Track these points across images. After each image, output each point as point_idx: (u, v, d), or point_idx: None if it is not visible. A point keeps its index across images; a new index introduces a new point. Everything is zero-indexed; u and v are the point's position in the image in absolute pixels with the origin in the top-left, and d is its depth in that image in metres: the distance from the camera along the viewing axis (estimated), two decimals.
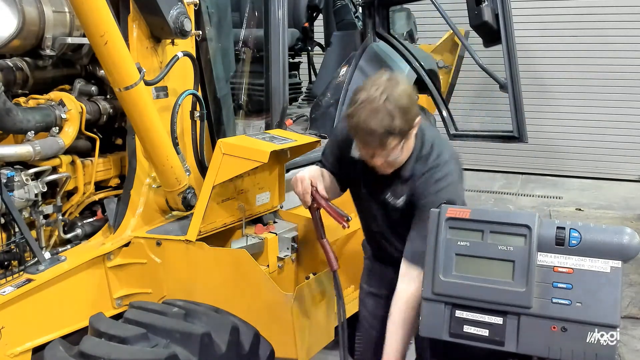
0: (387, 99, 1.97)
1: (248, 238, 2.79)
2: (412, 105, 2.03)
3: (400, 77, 2.08)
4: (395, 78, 2.05)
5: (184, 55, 2.62)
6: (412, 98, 2.03)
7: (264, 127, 3.20)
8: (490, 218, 1.82)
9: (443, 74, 6.04)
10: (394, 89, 1.99)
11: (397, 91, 1.99)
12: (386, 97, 1.97)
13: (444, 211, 1.86)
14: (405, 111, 1.99)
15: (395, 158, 2.09)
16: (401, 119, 1.98)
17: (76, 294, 2.41)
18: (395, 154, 2.07)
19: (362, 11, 4.36)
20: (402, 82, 2.05)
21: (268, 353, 2.35)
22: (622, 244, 1.69)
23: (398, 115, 1.97)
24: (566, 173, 8.15)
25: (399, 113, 1.97)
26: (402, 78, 2.08)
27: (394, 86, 2.00)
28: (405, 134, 2.04)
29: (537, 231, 1.75)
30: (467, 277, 1.80)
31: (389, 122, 1.97)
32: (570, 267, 1.72)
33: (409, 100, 2.01)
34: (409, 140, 2.09)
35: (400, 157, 2.12)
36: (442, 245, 1.83)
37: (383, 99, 1.97)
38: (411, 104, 2.02)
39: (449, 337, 1.83)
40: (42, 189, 2.38)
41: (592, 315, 1.68)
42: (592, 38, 7.69)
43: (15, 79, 2.54)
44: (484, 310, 1.78)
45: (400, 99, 1.98)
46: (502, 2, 3.46)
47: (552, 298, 1.72)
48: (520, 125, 3.66)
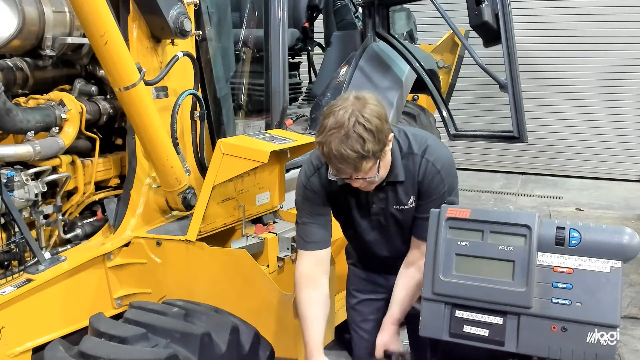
0: (357, 122, 1.90)
1: (248, 238, 2.79)
2: (383, 123, 1.95)
3: (367, 95, 1.99)
4: (362, 97, 1.97)
5: (184, 55, 2.62)
6: (382, 115, 1.96)
7: (264, 127, 3.20)
8: (490, 218, 1.82)
9: (443, 74, 6.04)
10: (363, 110, 1.92)
11: (366, 112, 1.92)
12: (355, 120, 1.90)
13: (444, 211, 1.86)
14: (376, 132, 1.92)
15: (373, 177, 2.04)
16: (373, 142, 1.91)
17: (76, 294, 2.41)
18: (372, 173, 2.02)
19: (362, 11, 4.36)
20: (370, 100, 1.97)
21: (268, 353, 2.35)
22: (622, 244, 1.69)
23: (369, 138, 1.90)
24: (566, 173, 8.15)
25: (370, 135, 1.91)
26: (369, 96, 1.99)
27: (362, 107, 1.93)
28: (379, 155, 1.98)
29: (537, 231, 1.75)
30: (467, 277, 1.80)
31: (361, 147, 1.90)
32: (570, 267, 1.72)
33: (379, 119, 1.94)
34: (384, 159, 2.05)
35: (380, 175, 2.07)
36: (442, 245, 1.83)
37: (352, 123, 1.89)
38: (382, 122, 1.95)
39: (449, 337, 1.83)
40: (42, 189, 2.38)
41: (592, 315, 1.68)
42: (592, 38, 7.69)
43: (15, 79, 2.54)
44: (484, 310, 1.78)
45: (370, 119, 1.91)
46: (502, 2, 3.46)
47: (552, 298, 1.72)
48: (520, 125, 3.66)
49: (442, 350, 2.13)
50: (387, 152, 2.05)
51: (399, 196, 2.19)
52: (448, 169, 2.16)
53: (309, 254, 2.27)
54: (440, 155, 2.16)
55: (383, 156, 2.02)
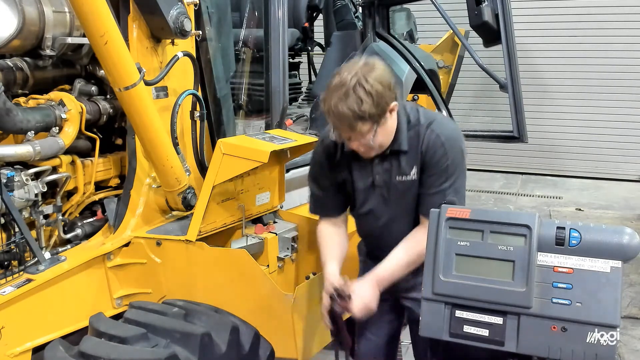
0: (358, 84, 2.00)
1: (248, 238, 2.78)
2: (385, 91, 2.03)
3: (377, 63, 2.08)
4: (370, 64, 2.06)
5: (184, 55, 2.62)
6: (385, 84, 2.04)
7: (264, 127, 3.20)
8: (490, 218, 1.82)
9: (443, 74, 6.05)
10: (368, 74, 2.01)
11: (370, 76, 2.01)
12: (356, 81, 2.00)
13: (444, 211, 1.86)
14: (376, 96, 2.00)
15: (368, 142, 2.10)
16: (370, 105, 2.00)
17: (76, 294, 2.41)
18: (368, 138, 2.08)
19: (362, 11, 4.36)
20: (377, 68, 2.05)
21: (268, 353, 2.35)
22: (622, 244, 1.69)
23: (367, 101, 1.99)
24: (566, 173, 8.16)
25: (369, 98, 1.99)
26: (379, 64, 2.08)
27: (368, 72, 2.02)
28: (377, 119, 2.05)
29: (537, 231, 1.75)
30: (467, 277, 1.80)
31: (358, 107, 2.00)
32: (570, 267, 1.72)
33: (382, 86, 2.02)
34: (384, 125, 2.10)
35: (377, 141, 2.12)
36: (442, 245, 1.83)
37: (353, 84, 2.00)
38: (384, 90, 2.03)
39: (449, 337, 1.83)
40: (42, 189, 2.38)
41: (592, 315, 1.68)
42: (592, 38, 7.69)
43: (15, 79, 2.54)
44: (484, 310, 1.78)
45: (372, 84, 2.00)
46: (502, 2, 3.46)
47: (552, 298, 1.72)
48: (520, 125, 3.66)
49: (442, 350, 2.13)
50: (388, 120, 2.10)
51: (402, 166, 2.21)
52: (453, 143, 2.17)
53: (326, 220, 2.45)
54: (446, 129, 2.19)
55: (383, 123, 2.08)
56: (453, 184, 2.17)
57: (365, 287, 2.21)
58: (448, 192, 2.17)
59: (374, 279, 2.23)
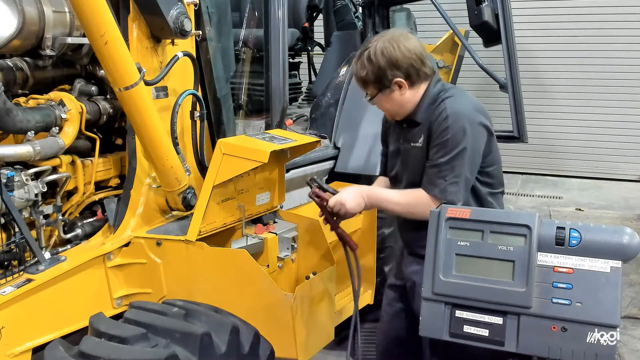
0: (370, 51, 2.22)
1: (248, 238, 2.78)
2: (387, 66, 2.20)
3: (403, 38, 2.23)
4: (395, 37, 2.24)
5: (184, 55, 2.62)
6: (393, 60, 2.20)
7: (264, 127, 3.20)
8: (490, 218, 1.82)
9: (443, 74, 6.04)
10: (384, 44, 2.21)
11: (384, 47, 2.20)
12: (370, 48, 2.22)
13: (444, 211, 1.86)
14: (376, 68, 2.22)
15: (380, 105, 2.33)
16: (371, 72, 2.23)
17: (76, 294, 2.41)
18: (379, 101, 2.31)
19: (362, 11, 4.37)
20: (400, 41, 2.21)
21: (268, 353, 2.35)
22: (622, 244, 1.69)
23: (369, 68, 2.23)
24: (566, 173, 8.15)
25: (370, 66, 2.22)
26: (406, 40, 2.23)
27: (386, 42, 2.21)
28: (382, 86, 2.25)
29: (537, 231, 1.75)
30: (467, 277, 1.80)
31: (360, 70, 2.27)
32: (570, 267, 1.72)
33: (385, 61, 2.20)
34: (390, 96, 2.27)
35: (384, 107, 2.35)
36: (442, 245, 1.83)
37: (367, 50, 2.24)
38: (386, 64, 2.20)
39: (449, 337, 1.83)
40: (42, 189, 2.38)
41: (592, 315, 1.68)
42: (592, 38, 7.69)
43: (15, 79, 2.54)
44: (484, 310, 1.78)
45: (378, 56, 2.20)
46: (502, 2, 3.47)
47: (552, 298, 1.72)
48: (520, 125, 3.67)
49: (442, 350, 2.13)
50: (395, 92, 2.27)
51: (414, 134, 2.33)
52: (456, 118, 2.19)
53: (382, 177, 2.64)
54: (457, 104, 2.23)
55: (388, 93, 2.27)
56: (451, 160, 2.19)
57: (350, 189, 2.39)
58: (444, 167, 2.20)
59: (363, 189, 2.41)
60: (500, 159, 2.44)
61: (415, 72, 2.24)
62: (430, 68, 2.29)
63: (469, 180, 2.25)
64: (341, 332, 3.04)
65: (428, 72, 2.28)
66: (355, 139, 3.63)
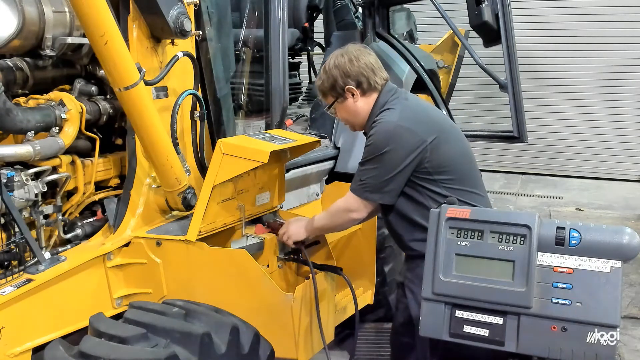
0: (326, 64, 2.49)
1: (248, 238, 2.78)
2: (339, 75, 2.43)
3: (356, 52, 2.45)
4: (348, 50, 2.46)
5: (184, 55, 2.62)
6: (343, 71, 2.42)
7: (264, 127, 3.20)
8: (490, 218, 1.82)
9: (443, 74, 6.06)
10: (337, 57, 2.46)
11: (337, 59, 2.45)
12: (327, 62, 2.49)
13: (444, 211, 1.86)
14: (330, 78, 2.45)
15: (339, 115, 2.56)
16: (326, 81, 2.48)
17: (76, 294, 2.41)
18: (338, 110, 2.54)
19: (362, 11, 4.36)
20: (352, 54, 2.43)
21: (268, 353, 2.35)
22: (622, 244, 1.69)
23: (324, 78, 2.49)
24: (566, 173, 8.15)
25: (326, 76, 2.48)
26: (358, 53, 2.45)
27: (339, 55, 2.46)
28: (337, 94, 2.47)
29: (537, 231, 1.75)
30: (467, 277, 1.80)
31: (318, 82, 2.55)
32: (570, 267, 1.72)
33: (338, 71, 2.43)
34: (344, 104, 2.49)
35: (341, 116, 2.57)
36: (442, 245, 1.83)
37: (325, 63, 2.51)
38: (338, 73, 2.43)
39: (449, 337, 1.83)
40: (42, 189, 2.38)
41: (592, 315, 1.69)
42: (592, 38, 7.69)
43: (15, 79, 2.54)
44: (484, 310, 1.79)
45: (331, 68, 2.45)
46: (502, 2, 3.46)
47: (552, 298, 1.72)
48: (520, 125, 3.67)
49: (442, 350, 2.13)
50: (348, 100, 2.47)
51: None
52: (378, 134, 2.36)
53: None
54: (384, 122, 2.38)
55: (341, 101, 2.49)
56: (363, 167, 2.42)
57: (295, 223, 2.70)
58: (359, 172, 2.44)
59: (306, 221, 2.67)
60: (467, 163, 2.48)
61: (366, 80, 2.43)
62: (381, 78, 2.47)
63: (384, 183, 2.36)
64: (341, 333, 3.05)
65: (379, 82, 2.46)
66: (356, 139, 3.63)
